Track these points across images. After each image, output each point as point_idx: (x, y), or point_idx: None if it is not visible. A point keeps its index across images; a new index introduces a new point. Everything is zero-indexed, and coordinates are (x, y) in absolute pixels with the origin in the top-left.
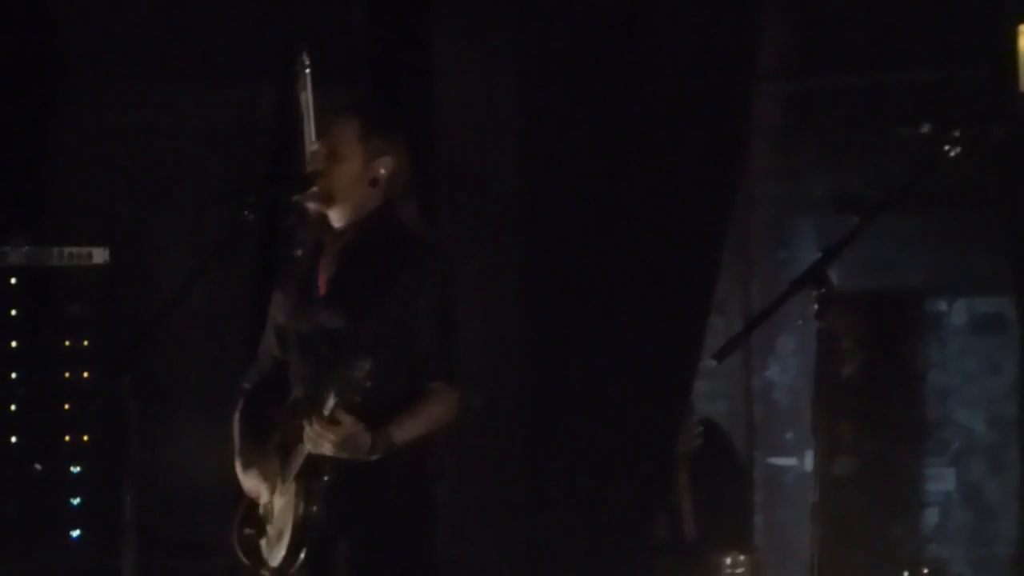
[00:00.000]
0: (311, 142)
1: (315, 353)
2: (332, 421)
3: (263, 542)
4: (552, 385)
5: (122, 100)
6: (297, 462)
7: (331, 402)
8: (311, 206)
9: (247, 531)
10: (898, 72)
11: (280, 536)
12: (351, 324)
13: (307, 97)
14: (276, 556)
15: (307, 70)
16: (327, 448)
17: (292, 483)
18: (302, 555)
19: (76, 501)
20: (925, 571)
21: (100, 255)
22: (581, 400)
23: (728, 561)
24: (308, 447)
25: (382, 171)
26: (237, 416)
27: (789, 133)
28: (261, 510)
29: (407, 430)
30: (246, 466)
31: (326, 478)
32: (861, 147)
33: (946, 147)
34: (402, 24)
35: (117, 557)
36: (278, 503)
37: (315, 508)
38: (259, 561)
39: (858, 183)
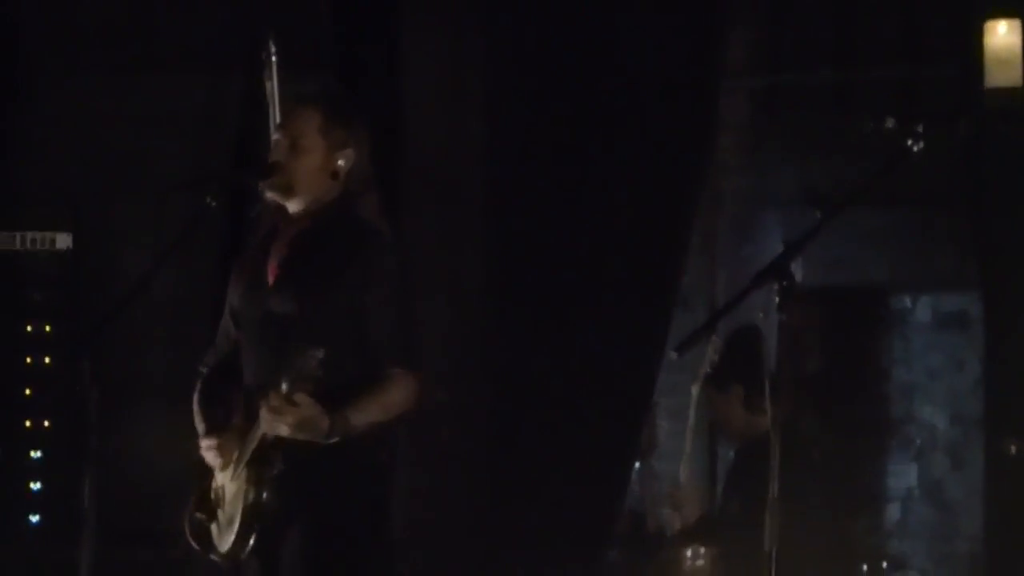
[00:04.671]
0: (273, 133)
1: (265, 338)
2: (289, 402)
3: (213, 527)
4: (515, 380)
5: (87, 86)
6: (250, 447)
7: (285, 385)
8: (270, 197)
9: (199, 516)
10: (865, 69)
11: (231, 522)
12: (301, 310)
13: (273, 86)
14: (226, 542)
15: (273, 59)
16: (284, 429)
17: (244, 469)
18: (251, 542)
19: (36, 487)
20: (884, 565)
21: (63, 240)
22: (543, 395)
23: (688, 553)
24: (264, 428)
25: (341, 163)
26: (196, 398)
27: (756, 129)
28: (212, 495)
29: (366, 414)
30: (206, 436)
31: (277, 466)
32: (828, 143)
33: (910, 142)
34: (369, 15)
35: (76, 544)
36: (230, 488)
37: (265, 495)
38: (209, 546)
39: (825, 179)
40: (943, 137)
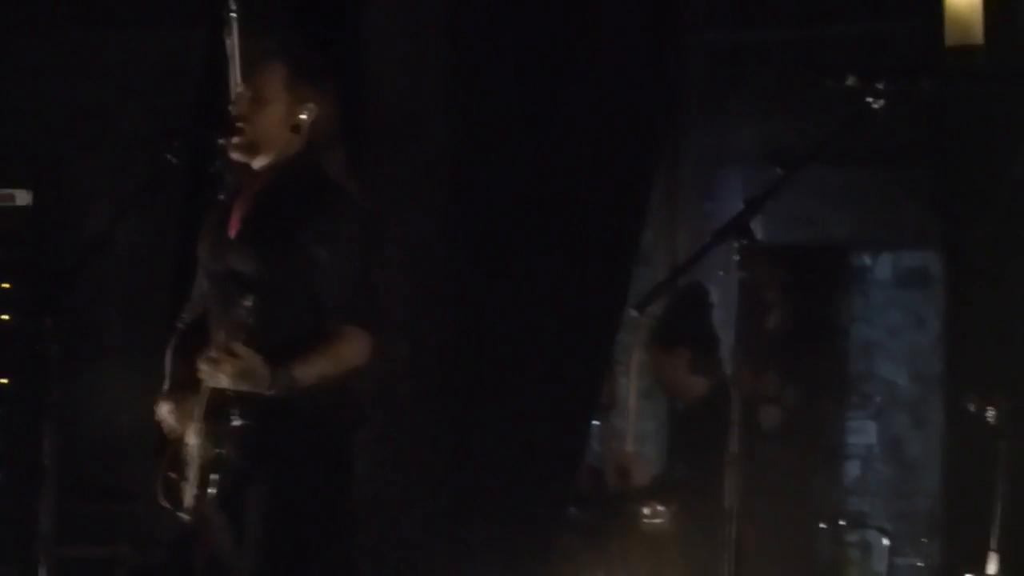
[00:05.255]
0: (237, 87)
1: (226, 294)
2: (228, 352)
3: (184, 485)
4: (477, 334)
5: (48, 42)
6: (202, 402)
7: (223, 336)
8: (233, 153)
9: (171, 475)
10: (826, 26)
11: (193, 477)
12: (259, 266)
13: (233, 43)
14: (189, 496)
15: (234, 15)
16: (223, 380)
17: (202, 424)
18: (209, 494)
19: None
20: (842, 523)
21: (23, 197)
22: (505, 350)
23: (647, 511)
24: (205, 380)
25: (302, 117)
26: (168, 354)
27: (717, 85)
28: (183, 454)
29: (311, 368)
30: (166, 400)
31: (235, 420)
32: (789, 100)
33: (871, 100)
34: None
35: (35, 501)
36: (193, 445)
37: (220, 450)
38: (179, 504)
39: (786, 136)
40: (904, 95)
